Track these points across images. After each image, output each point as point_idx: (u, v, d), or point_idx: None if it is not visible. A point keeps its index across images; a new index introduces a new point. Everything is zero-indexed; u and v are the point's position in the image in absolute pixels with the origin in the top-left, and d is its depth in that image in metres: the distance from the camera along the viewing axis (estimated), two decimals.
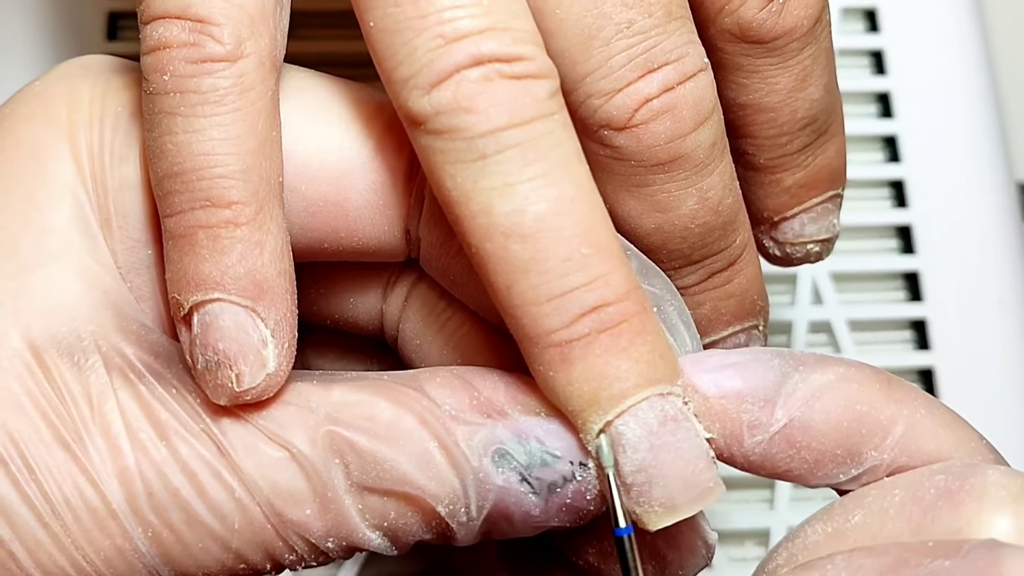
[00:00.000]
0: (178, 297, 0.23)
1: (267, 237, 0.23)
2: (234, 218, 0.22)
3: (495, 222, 0.22)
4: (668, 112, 0.24)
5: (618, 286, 0.22)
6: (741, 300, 0.27)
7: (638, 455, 0.22)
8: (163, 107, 0.22)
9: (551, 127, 0.22)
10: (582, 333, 0.22)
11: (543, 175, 0.22)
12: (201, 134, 0.22)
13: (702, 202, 0.25)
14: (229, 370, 0.22)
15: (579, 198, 0.22)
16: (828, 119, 0.28)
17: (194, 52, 0.22)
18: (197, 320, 0.22)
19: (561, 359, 0.22)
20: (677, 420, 0.22)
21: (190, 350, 0.23)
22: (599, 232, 0.22)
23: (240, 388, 0.22)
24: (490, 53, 0.22)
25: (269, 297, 0.22)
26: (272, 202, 0.23)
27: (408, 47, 0.22)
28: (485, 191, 0.22)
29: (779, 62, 0.26)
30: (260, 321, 0.22)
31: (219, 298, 0.22)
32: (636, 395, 0.22)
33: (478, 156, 0.21)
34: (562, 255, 0.21)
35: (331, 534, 0.23)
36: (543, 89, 0.22)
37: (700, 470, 0.22)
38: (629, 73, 0.24)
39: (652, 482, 0.22)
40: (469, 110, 0.21)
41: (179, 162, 0.22)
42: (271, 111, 0.23)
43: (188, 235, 0.22)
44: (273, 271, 0.23)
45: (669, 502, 0.22)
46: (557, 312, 0.22)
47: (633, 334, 0.22)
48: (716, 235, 0.26)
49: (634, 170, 0.25)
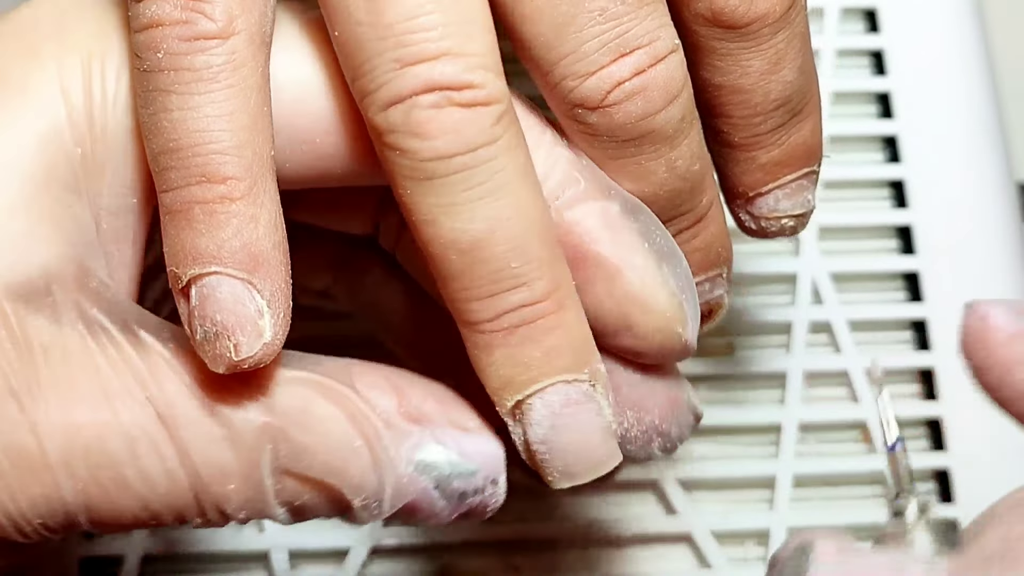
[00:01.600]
0: (176, 270, 0.23)
1: (261, 211, 0.23)
2: (229, 193, 0.23)
3: (438, 233, 0.24)
4: (640, 93, 0.25)
5: (540, 290, 0.24)
6: (706, 252, 0.28)
7: (541, 430, 0.25)
8: (158, 85, 0.23)
9: (495, 152, 0.24)
10: (503, 326, 0.24)
11: (483, 198, 0.24)
12: (196, 111, 0.23)
13: (671, 171, 0.26)
14: (227, 340, 0.23)
15: (515, 217, 0.24)
16: (803, 99, 0.29)
17: (187, 30, 0.23)
18: (195, 293, 0.23)
19: (485, 344, 0.25)
20: (580, 403, 0.25)
21: (188, 321, 0.23)
22: (531, 246, 0.24)
23: (238, 357, 0.23)
24: (442, 80, 0.23)
25: (264, 269, 0.23)
26: (265, 175, 0.24)
27: (367, 64, 0.23)
28: (431, 206, 0.24)
29: (752, 46, 0.27)
30: (256, 293, 0.23)
31: (216, 271, 0.23)
32: (543, 381, 0.25)
33: (426, 176, 0.24)
34: (494, 268, 0.24)
35: (244, 507, 0.25)
36: (490, 116, 0.24)
37: (596, 445, 0.25)
38: (602, 57, 0.25)
39: (552, 453, 0.25)
40: (419, 135, 0.23)
41: (175, 138, 0.23)
42: (263, 86, 0.24)
43: (185, 210, 0.23)
44: (268, 243, 0.23)
45: (567, 470, 0.25)
46: (484, 309, 0.24)
47: (547, 329, 0.25)
48: (684, 198, 0.27)
49: (607, 144, 0.26)
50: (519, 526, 0.37)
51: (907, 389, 0.40)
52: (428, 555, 0.37)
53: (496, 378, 0.25)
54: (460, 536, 0.37)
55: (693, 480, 0.38)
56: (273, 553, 0.37)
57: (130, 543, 0.36)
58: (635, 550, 0.37)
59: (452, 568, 0.37)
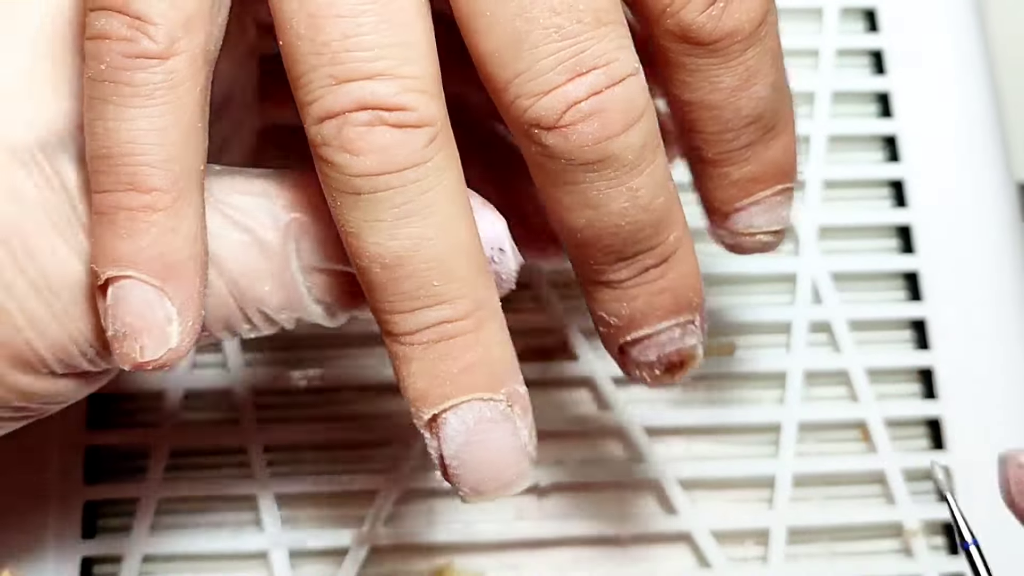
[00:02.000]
0: (96, 268, 0.25)
1: (182, 223, 0.25)
2: (152, 203, 0.24)
3: (363, 246, 0.25)
4: (596, 114, 0.25)
5: (461, 308, 0.25)
6: (675, 295, 0.28)
7: (455, 445, 0.26)
8: (99, 93, 0.24)
9: (424, 173, 0.24)
10: (422, 340, 0.25)
11: (407, 217, 0.24)
12: (130, 123, 0.24)
13: (632, 200, 0.26)
14: (134, 342, 0.25)
15: (438, 238, 0.25)
16: (775, 116, 0.29)
17: (129, 47, 0.24)
18: (111, 292, 0.25)
19: (404, 355, 0.25)
20: (495, 421, 0.26)
21: (104, 316, 0.25)
22: (454, 266, 0.25)
23: (143, 359, 0.25)
24: (374, 100, 0.24)
25: (178, 279, 0.25)
26: (192, 189, 0.25)
27: (305, 78, 0.24)
28: (357, 220, 0.25)
29: (721, 62, 0.27)
30: (167, 300, 0.25)
31: (131, 275, 0.25)
32: (458, 397, 0.25)
33: (353, 191, 0.24)
34: (415, 285, 0.25)
35: (284, 307, 0.27)
36: (420, 139, 0.24)
37: (507, 465, 0.26)
38: (557, 77, 0.25)
39: (464, 468, 0.26)
40: (350, 151, 0.24)
41: (107, 146, 0.24)
42: (199, 103, 0.25)
43: (110, 214, 0.24)
44: (185, 254, 0.25)
45: (477, 487, 0.26)
46: (404, 322, 0.25)
47: (465, 347, 0.25)
48: (647, 232, 0.27)
49: (564, 167, 0.26)
50: (519, 526, 0.37)
51: (907, 389, 0.40)
52: (428, 555, 0.37)
53: (413, 389, 0.26)
54: (460, 536, 0.37)
55: (693, 480, 0.38)
56: (273, 553, 0.37)
57: (130, 543, 0.36)
58: (635, 550, 0.37)
59: (452, 568, 0.37)
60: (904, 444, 0.39)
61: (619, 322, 0.28)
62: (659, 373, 0.29)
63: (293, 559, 0.37)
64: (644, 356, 0.29)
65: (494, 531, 0.37)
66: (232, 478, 0.37)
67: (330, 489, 0.37)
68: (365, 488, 0.37)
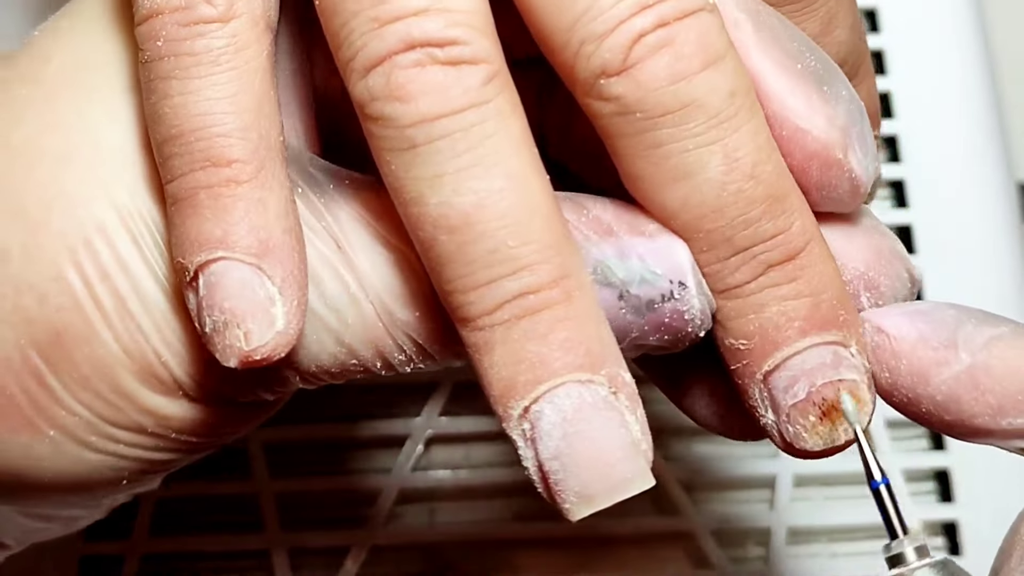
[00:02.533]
0: (183, 261, 0.22)
1: (270, 195, 0.22)
2: (235, 176, 0.22)
3: (425, 212, 0.22)
4: (666, 47, 0.22)
5: (545, 275, 0.22)
6: (815, 303, 0.23)
7: (552, 442, 0.22)
8: (158, 72, 0.22)
9: (484, 115, 0.22)
10: (503, 319, 0.22)
11: (471, 167, 0.21)
12: (197, 95, 0.22)
13: (730, 163, 0.22)
14: (237, 328, 0.22)
15: (509, 189, 0.22)
16: (857, 60, 0.27)
17: (186, 15, 0.22)
18: (203, 281, 0.22)
19: (483, 343, 0.22)
20: (597, 408, 0.22)
21: (197, 314, 0.23)
22: (529, 223, 0.22)
23: (249, 347, 0.22)
24: (422, 37, 0.21)
25: (275, 254, 0.22)
26: (273, 160, 0.23)
27: (346, 28, 0.22)
28: (416, 180, 0.22)
29: (805, 7, 0.26)
30: (267, 279, 0.22)
31: (223, 256, 0.22)
32: (551, 381, 0.22)
33: (409, 145, 0.22)
34: (487, 248, 0.22)
35: (436, 338, 0.24)
36: (477, 76, 0.22)
37: (617, 460, 0.22)
38: (620, 11, 0.22)
39: (566, 470, 0.22)
40: (400, 98, 0.21)
41: (176, 124, 0.22)
42: (267, 70, 0.23)
43: (190, 197, 0.22)
44: (278, 228, 0.22)
45: (584, 492, 0.22)
46: (481, 300, 0.22)
47: (553, 321, 0.22)
48: (760, 210, 0.23)
49: (642, 126, 0.22)
50: (519, 526, 0.37)
51: None
52: (428, 555, 0.37)
53: (498, 382, 0.22)
54: (460, 536, 0.37)
55: (693, 480, 0.38)
56: (273, 553, 0.37)
57: (130, 543, 0.36)
58: (635, 550, 0.37)
59: (452, 568, 0.37)
60: (904, 444, 0.39)
61: (749, 344, 0.23)
62: (814, 420, 0.24)
63: (293, 559, 0.37)
64: (792, 395, 0.23)
65: (494, 531, 0.37)
66: (232, 479, 0.37)
67: (330, 489, 0.37)
68: (365, 488, 0.37)
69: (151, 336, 0.24)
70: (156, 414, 0.25)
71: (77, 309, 0.24)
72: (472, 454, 0.38)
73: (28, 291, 0.24)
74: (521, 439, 0.22)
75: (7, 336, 0.24)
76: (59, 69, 0.25)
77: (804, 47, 0.24)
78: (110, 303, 0.24)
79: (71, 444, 0.25)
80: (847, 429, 0.24)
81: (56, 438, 0.24)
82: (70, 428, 0.24)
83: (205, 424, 0.25)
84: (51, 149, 0.24)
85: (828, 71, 0.24)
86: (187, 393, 0.25)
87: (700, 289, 0.23)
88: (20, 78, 0.25)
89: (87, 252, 0.24)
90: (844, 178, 0.24)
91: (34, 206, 0.24)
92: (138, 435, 0.25)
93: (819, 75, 0.24)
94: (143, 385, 0.24)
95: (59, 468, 0.25)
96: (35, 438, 0.24)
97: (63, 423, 0.24)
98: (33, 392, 0.24)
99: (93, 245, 0.24)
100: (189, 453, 0.26)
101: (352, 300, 0.23)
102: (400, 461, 0.37)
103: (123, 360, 0.24)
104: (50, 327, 0.24)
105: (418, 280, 0.23)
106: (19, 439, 0.24)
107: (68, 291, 0.24)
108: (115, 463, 0.25)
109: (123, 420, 0.25)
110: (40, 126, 0.24)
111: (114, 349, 0.24)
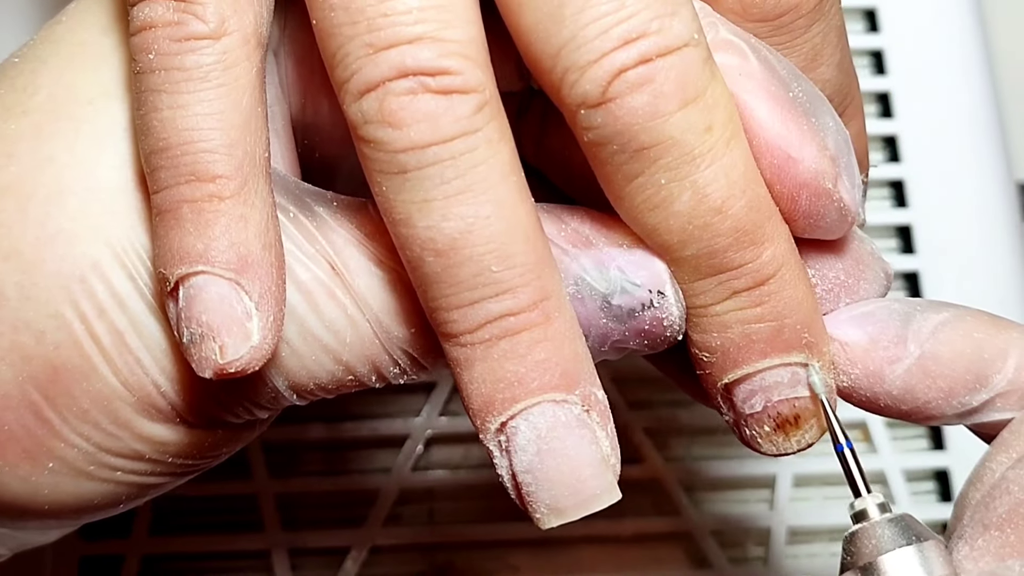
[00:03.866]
0: (164, 272, 0.23)
1: (252, 211, 0.23)
2: (218, 192, 0.23)
3: (413, 234, 0.22)
4: (646, 85, 0.22)
5: (525, 298, 0.23)
6: (777, 328, 0.24)
7: (527, 457, 0.23)
8: (149, 85, 0.23)
9: (473, 144, 0.22)
10: (483, 339, 0.23)
11: (460, 193, 0.22)
12: (185, 110, 0.23)
13: (698, 199, 0.23)
14: (212, 342, 0.23)
15: (496, 215, 0.22)
16: (843, 100, 0.27)
17: (178, 31, 0.23)
18: (182, 293, 0.23)
19: (465, 359, 0.23)
20: (570, 427, 0.23)
21: (176, 324, 0.23)
22: (514, 250, 0.22)
23: (224, 360, 0.23)
24: (415, 66, 0.22)
25: (253, 270, 0.23)
26: (257, 176, 0.23)
27: (341, 51, 0.22)
28: (406, 203, 0.22)
29: (786, 41, 0.26)
30: (244, 294, 0.23)
31: (203, 271, 0.23)
32: (527, 400, 0.23)
33: (399, 170, 0.22)
34: (472, 271, 0.22)
35: (431, 351, 0.24)
36: (467, 105, 0.22)
37: (587, 476, 0.23)
38: (604, 43, 0.22)
39: (538, 484, 0.23)
40: (392, 124, 0.22)
41: (164, 137, 0.23)
42: (257, 87, 0.23)
43: (174, 209, 0.23)
44: (258, 245, 0.23)
45: (555, 504, 0.23)
46: (464, 319, 0.23)
47: (532, 342, 0.23)
48: (725, 242, 0.23)
49: (619, 157, 0.23)
50: (519, 526, 0.37)
51: None
52: (428, 555, 0.37)
53: (477, 397, 0.23)
54: (460, 536, 0.37)
55: (693, 480, 0.38)
56: (273, 553, 0.37)
57: (130, 543, 0.36)
58: (634, 549, 0.37)
59: (452, 568, 0.37)
60: (904, 444, 0.39)
61: (711, 358, 0.25)
62: (769, 431, 0.25)
63: (293, 559, 0.37)
64: (749, 406, 0.25)
65: (494, 531, 0.37)
66: (232, 479, 0.37)
67: (330, 489, 0.37)
68: (365, 488, 0.37)
69: (150, 369, 0.24)
70: (154, 441, 0.25)
71: (75, 346, 0.24)
72: (471, 454, 0.38)
73: (25, 329, 0.24)
74: (497, 450, 0.23)
75: (5, 374, 0.24)
76: (47, 101, 0.25)
77: (792, 77, 0.24)
78: (108, 339, 0.24)
79: (70, 474, 0.25)
80: (800, 440, 0.25)
81: (55, 469, 0.25)
82: (69, 459, 0.25)
83: (201, 446, 0.26)
84: (43, 187, 0.24)
85: (814, 101, 0.24)
86: (184, 419, 0.25)
87: (678, 297, 0.24)
88: (8, 111, 0.25)
89: (83, 289, 0.24)
90: (833, 207, 0.24)
91: (28, 246, 0.24)
92: (136, 462, 0.25)
93: (806, 106, 0.24)
94: (141, 415, 0.25)
95: (58, 497, 0.25)
96: (34, 470, 0.25)
97: (62, 455, 0.25)
98: (32, 427, 0.24)
99: (88, 282, 0.24)
100: (185, 475, 0.27)
101: (350, 321, 0.24)
102: (400, 461, 0.37)
103: (122, 393, 0.24)
104: (48, 364, 0.24)
105: (413, 297, 0.24)
106: (18, 471, 0.25)
107: (65, 328, 0.24)
108: (113, 489, 0.26)
109: (121, 449, 0.25)
110: (31, 163, 0.24)
111: (113, 383, 0.24)
